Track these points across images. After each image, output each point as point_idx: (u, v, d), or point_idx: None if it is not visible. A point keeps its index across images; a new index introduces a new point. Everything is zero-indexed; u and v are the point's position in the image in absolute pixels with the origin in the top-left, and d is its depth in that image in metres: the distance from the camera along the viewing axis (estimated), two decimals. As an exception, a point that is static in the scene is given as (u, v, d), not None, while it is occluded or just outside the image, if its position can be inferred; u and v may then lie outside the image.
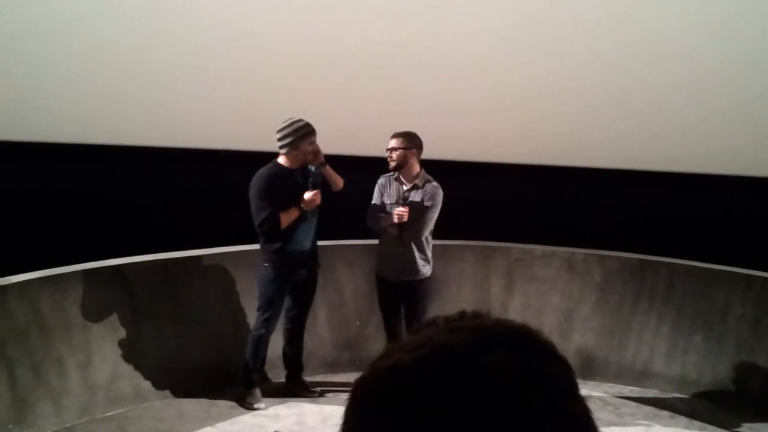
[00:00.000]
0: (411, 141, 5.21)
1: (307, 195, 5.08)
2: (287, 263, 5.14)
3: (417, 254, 5.18)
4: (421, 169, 5.26)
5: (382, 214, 5.21)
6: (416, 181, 5.21)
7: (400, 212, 5.08)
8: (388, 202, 5.24)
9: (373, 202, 5.32)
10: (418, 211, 5.12)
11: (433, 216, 5.19)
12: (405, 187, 5.22)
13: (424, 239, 5.20)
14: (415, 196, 5.18)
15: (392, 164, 5.20)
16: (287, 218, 5.07)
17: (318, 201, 5.14)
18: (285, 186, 5.10)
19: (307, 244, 5.22)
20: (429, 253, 5.27)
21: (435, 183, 5.23)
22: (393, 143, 5.20)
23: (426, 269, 5.24)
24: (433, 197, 5.17)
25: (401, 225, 5.11)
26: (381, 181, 5.35)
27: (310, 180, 5.17)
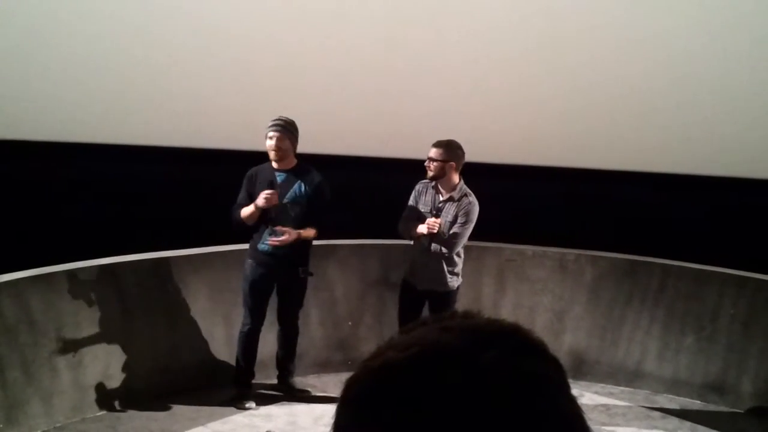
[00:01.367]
0: (450, 153, 5.08)
1: (262, 194, 4.97)
2: (260, 261, 5.14)
3: (445, 267, 5.10)
4: (459, 181, 5.14)
5: (414, 222, 5.12)
6: (453, 194, 5.10)
7: (431, 224, 4.99)
8: (423, 210, 5.16)
9: (406, 209, 5.24)
10: (448, 230, 5.04)
11: (466, 232, 5.09)
12: (441, 198, 5.13)
13: (454, 253, 5.13)
14: (450, 209, 5.08)
15: (429, 174, 5.13)
16: (246, 214, 5.05)
17: (273, 202, 4.97)
18: (262, 183, 5.09)
19: (284, 248, 5.08)
20: (459, 267, 5.18)
21: (472, 198, 5.12)
22: (432, 153, 5.08)
23: (453, 282, 5.16)
24: (467, 213, 5.06)
25: (431, 236, 5.03)
26: (418, 187, 5.26)
27: (269, 181, 5.04)
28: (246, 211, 5.05)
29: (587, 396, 5.73)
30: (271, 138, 5.06)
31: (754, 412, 5.53)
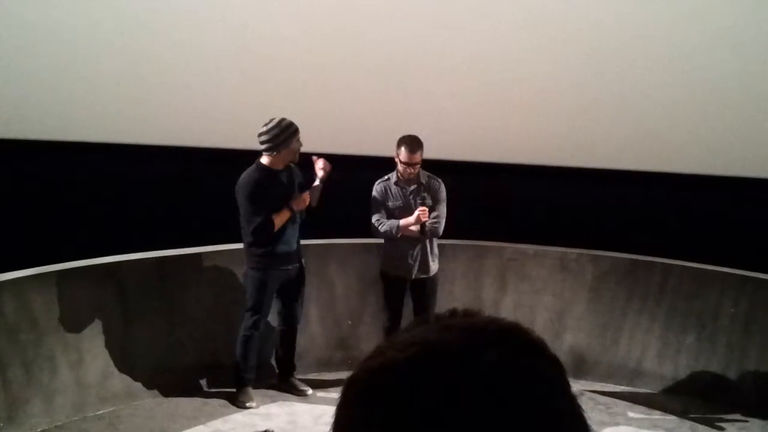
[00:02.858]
0: (422, 150, 5.22)
1: (302, 196, 5.13)
2: (275, 264, 5.14)
3: (430, 251, 5.29)
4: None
5: (395, 221, 5.20)
6: (421, 180, 5.26)
7: (422, 211, 5.10)
8: (395, 205, 5.25)
9: (374, 213, 5.29)
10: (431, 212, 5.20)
11: (445, 210, 5.29)
12: (409, 189, 5.24)
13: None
14: (425, 196, 5.22)
15: (411, 178, 5.23)
16: (280, 220, 5.06)
17: (308, 202, 5.17)
18: (273, 188, 5.10)
19: (294, 244, 5.24)
20: (437, 250, 5.39)
21: (437, 178, 5.34)
22: (415, 158, 5.17)
23: (436, 265, 5.37)
24: (440, 192, 5.28)
25: (422, 225, 5.14)
26: (378, 188, 5.31)
27: (297, 181, 5.21)
28: (281, 218, 5.07)
29: (587, 395, 5.72)
30: (300, 141, 5.12)
31: (755, 411, 5.53)
